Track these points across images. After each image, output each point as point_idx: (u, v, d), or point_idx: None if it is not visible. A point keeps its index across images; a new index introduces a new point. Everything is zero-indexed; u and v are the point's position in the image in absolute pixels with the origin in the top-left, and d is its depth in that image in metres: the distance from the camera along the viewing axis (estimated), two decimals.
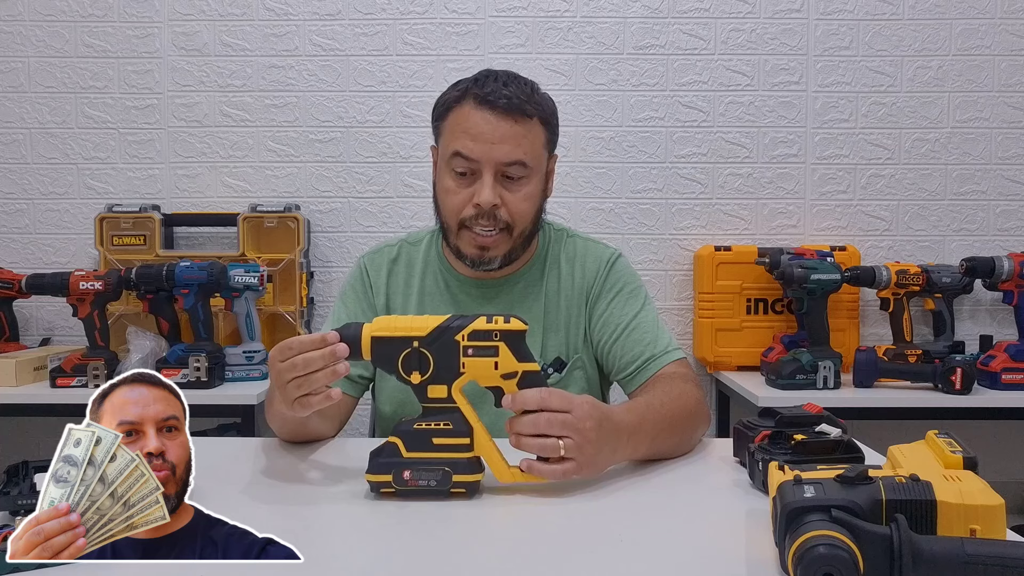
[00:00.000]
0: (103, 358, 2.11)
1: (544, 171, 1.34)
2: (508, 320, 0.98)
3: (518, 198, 1.28)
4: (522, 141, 1.26)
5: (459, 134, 1.27)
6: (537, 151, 1.30)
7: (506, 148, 1.25)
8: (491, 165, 1.25)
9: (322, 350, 0.97)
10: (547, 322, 1.38)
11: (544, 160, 1.33)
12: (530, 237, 1.35)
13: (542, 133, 1.31)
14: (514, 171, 1.27)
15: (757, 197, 2.58)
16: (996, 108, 2.56)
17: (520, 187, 1.29)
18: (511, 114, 1.25)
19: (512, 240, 1.30)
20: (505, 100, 1.25)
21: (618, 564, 0.78)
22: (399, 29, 2.56)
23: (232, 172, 2.59)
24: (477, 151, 1.25)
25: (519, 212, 1.29)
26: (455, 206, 1.29)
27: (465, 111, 1.27)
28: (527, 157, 1.27)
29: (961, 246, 2.58)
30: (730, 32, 2.56)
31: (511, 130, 1.25)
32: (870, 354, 2.15)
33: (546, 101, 1.33)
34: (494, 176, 1.26)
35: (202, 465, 1.09)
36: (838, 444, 0.98)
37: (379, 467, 0.97)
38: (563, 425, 0.97)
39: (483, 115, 1.25)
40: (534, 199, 1.31)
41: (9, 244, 2.59)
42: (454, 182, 1.29)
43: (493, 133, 1.25)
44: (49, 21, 2.56)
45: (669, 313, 2.58)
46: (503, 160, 1.26)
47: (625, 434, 1.05)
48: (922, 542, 0.67)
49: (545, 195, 1.36)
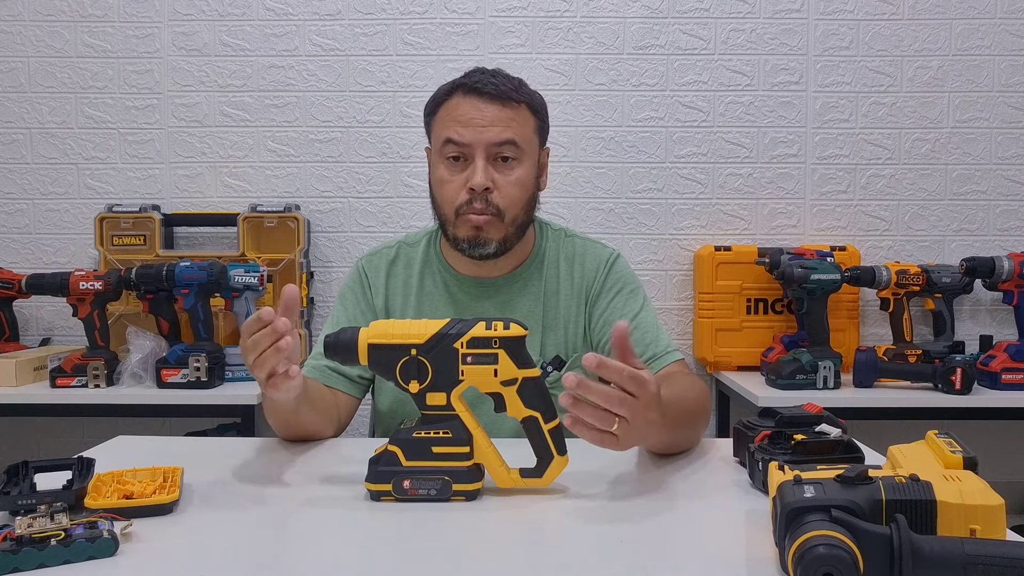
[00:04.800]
0: (103, 358, 2.11)
1: (536, 159, 1.36)
2: (508, 326, 0.97)
3: (510, 181, 1.30)
4: (511, 123, 1.29)
5: (449, 122, 1.30)
6: (527, 135, 1.32)
7: (496, 129, 1.28)
8: (482, 148, 1.28)
9: (263, 329, 0.97)
10: (546, 321, 1.39)
11: (536, 147, 1.35)
12: (523, 227, 1.35)
13: (531, 119, 1.33)
14: (506, 150, 1.29)
15: (757, 197, 2.58)
16: (996, 108, 2.56)
17: (512, 170, 1.30)
18: (499, 99, 1.29)
19: (505, 227, 1.31)
20: (493, 86, 1.29)
21: (618, 564, 0.78)
22: (399, 29, 2.56)
23: (232, 172, 2.59)
24: (468, 135, 1.28)
25: (510, 197, 1.30)
26: (450, 194, 1.31)
27: (454, 102, 1.31)
28: (517, 137, 1.29)
29: (961, 246, 2.58)
30: (730, 32, 2.56)
31: (500, 113, 1.29)
32: (870, 354, 2.15)
33: (534, 94, 1.36)
34: (486, 159, 1.28)
35: (202, 465, 1.09)
36: (838, 444, 0.98)
37: (378, 475, 0.96)
38: (629, 407, 0.93)
39: (472, 102, 1.29)
40: (525, 185, 1.32)
41: (9, 244, 2.59)
42: (447, 171, 1.31)
43: (482, 117, 1.28)
44: (49, 21, 2.56)
45: (669, 313, 2.58)
46: (494, 140, 1.28)
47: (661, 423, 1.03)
48: (922, 542, 0.67)
49: (538, 186, 1.37)
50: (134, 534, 0.83)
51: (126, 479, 0.97)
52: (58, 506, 0.84)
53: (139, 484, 0.95)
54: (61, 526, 0.80)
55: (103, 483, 0.94)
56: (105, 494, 0.92)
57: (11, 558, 0.76)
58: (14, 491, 0.90)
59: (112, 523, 0.82)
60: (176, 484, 0.95)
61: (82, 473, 0.96)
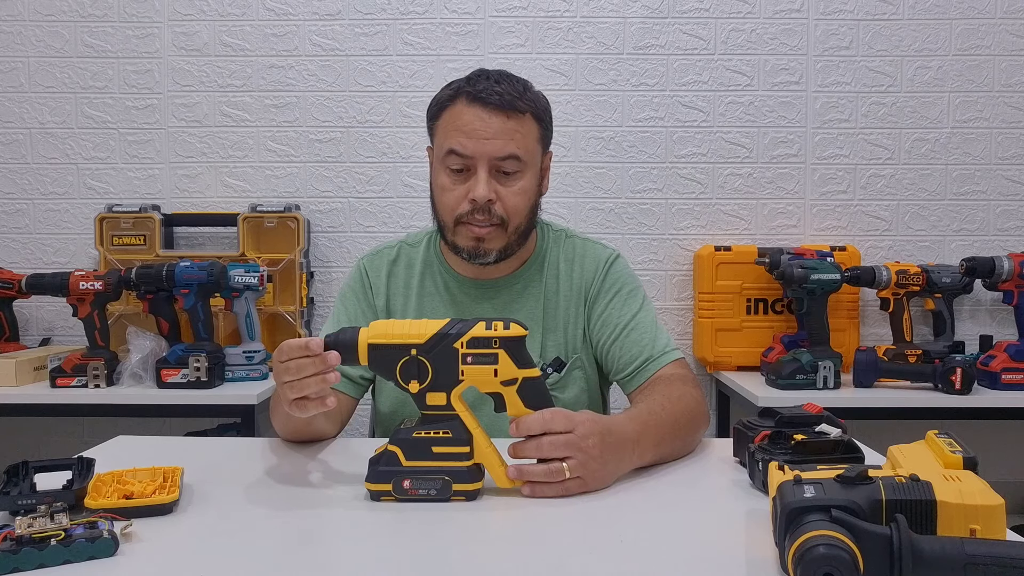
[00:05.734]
0: (103, 358, 2.11)
1: (539, 167, 1.35)
2: (508, 326, 0.97)
3: (512, 192, 1.29)
4: (515, 135, 1.27)
5: (452, 132, 1.28)
6: (530, 146, 1.30)
7: (499, 143, 1.26)
8: (485, 160, 1.26)
9: (311, 358, 0.97)
10: (546, 322, 1.38)
11: (538, 155, 1.34)
12: (526, 233, 1.35)
13: (535, 128, 1.32)
14: (508, 165, 1.28)
15: (757, 197, 2.58)
16: (996, 108, 2.56)
17: (514, 181, 1.29)
18: (503, 110, 1.26)
19: (507, 236, 1.31)
20: (497, 96, 1.26)
21: (618, 564, 0.78)
22: (399, 29, 2.56)
23: (232, 172, 2.59)
24: (471, 147, 1.26)
25: (513, 207, 1.29)
26: (451, 203, 1.30)
27: (458, 109, 1.28)
28: (520, 151, 1.28)
29: (961, 246, 2.58)
30: (730, 32, 2.56)
31: (504, 125, 1.26)
32: (870, 354, 2.15)
33: (539, 98, 1.34)
34: (488, 171, 1.27)
35: (202, 465, 1.09)
36: (838, 444, 0.98)
37: (378, 476, 0.96)
38: (566, 446, 0.97)
39: (475, 112, 1.26)
40: (528, 194, 1.31)
41: (9, 244, 2.59)
42: (449, 180, 1.30)
43: (486, 129, 1.26)
44: (49, 21, 2.56)
45: (669, 313, 2.58)
46: (496, 155, 1.26)
47: (630, 444, 1.05)
48: (922, 542, 0.67)
49: (540, 191, 1.37)
50: (134, 534, 0.83)
51: (126, 479, 0.97)
52: (58, 506, 0.84)
53: (139, 484, 0.95)
54: (61, 526, 0.80)
55: (103, 483, 0.94)
56: (105, 494, 0.92)
57: (11, 558, 0.76)
58: (14, 491, 0.90)
59: (112, 523, 0.82)
60: (176, 484, 0.95)
61: (82, 473, 0.96)
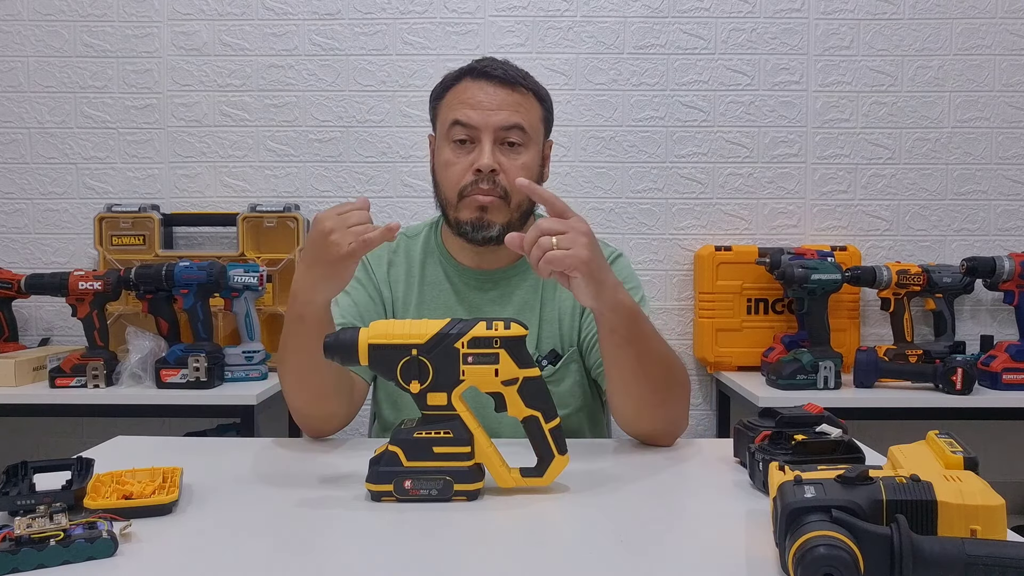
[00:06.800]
0: (102, 358, 2.11)
1: (541, 147, 1.37)
2: (508, 326, 0.97)
3: (516, 166, 1.30)
4: (519, 108, 1.31)
5: (457, 105, 1.31)
6: (534, 122, 1.34)
7: (504, 113, 1.29)
8: (489, 131, 1.28)
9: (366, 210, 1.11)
10: (543, 313, 1.40)
11: (541, 136, 1.37)
12: (527, 215, 1.36)
13: (538, 108, 1.35)
14: (513, 135, 1.30)
15: (757, 197, 2.58)
16: (997, 108, 2.56)
17: (518, 155, 1.31)
18: (508, 84, 1.31)
19: (510, 211, 1.31)
20: (502, 71, 1.31)
21: (618, 564, 0.78)
22: (399, 29, 2.56)
23: (232, 172, 2.58)
24: (476, 118, 1.29)
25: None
26: (455, 176, 1.31)
27: (463, 85, 1.32)
28: (524, 122, 1.31)
29: (962, 246, 2.57)
30: (730, 32, 2.56)
31: (509, 97, 1.30)
32: (870, 354, 2.15)
33: (541, 86, 1.38)
34: (493, 142, 1.29)
35: (201, 465, 1.09)
36: (838, 444, 0.98)
37: (379, 476, 0.96)
38: (559, 223, 1.07)
39: (480, 86, 1.30)
40: (531, 170, 1.33)
41: (9, 244, 2.59)
42: (453, 153, 1.31)
43: (491, 101, 1.29)
44: (48, 21, 2.56)
45: (669, 313, 2.58)
46: (501, 124, 1.29)
47: (613, 280, 1.13)
48: (923, 542, 0.67)
49: (543, 176, 1.39)
50: (133, 534, 0.83)
51: (125, 479, 0.96)
52: (57, 506, 0.84)
53: (138, 484, 0.95)
54: (60, 526, 0.80)
55: (102, 483, 0.94)
56: (104, 494, 0.92)
57: (10, 558, 0.75)
58: (13, 491, 0.90)
59: (111, 523, 0.82)
60: (175, 484, 0.95)
61: (81, 473, 0.95)
